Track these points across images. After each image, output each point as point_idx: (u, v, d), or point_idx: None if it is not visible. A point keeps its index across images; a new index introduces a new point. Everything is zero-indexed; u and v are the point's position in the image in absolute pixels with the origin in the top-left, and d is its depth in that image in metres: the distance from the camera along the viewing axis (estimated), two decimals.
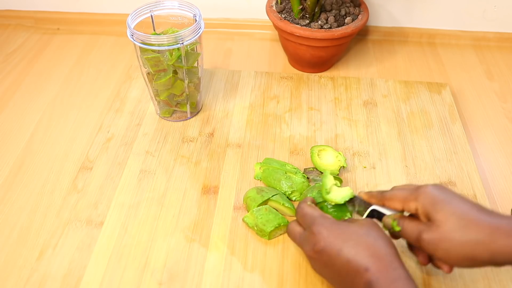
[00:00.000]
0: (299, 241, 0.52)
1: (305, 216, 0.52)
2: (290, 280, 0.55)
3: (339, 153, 0.67)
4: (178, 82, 0.70)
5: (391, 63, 0.91)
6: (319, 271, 0.51)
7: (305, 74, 0.86)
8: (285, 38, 0.83)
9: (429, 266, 0.56)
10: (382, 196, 0.52)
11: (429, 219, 0.46)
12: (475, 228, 0.43)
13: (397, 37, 0.97)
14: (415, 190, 0.49)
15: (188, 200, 0.64)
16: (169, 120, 0.75)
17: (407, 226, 0.49)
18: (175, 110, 0.75)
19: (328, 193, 0.56)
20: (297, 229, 0.53)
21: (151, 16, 0.70)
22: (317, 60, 0.84)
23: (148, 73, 0.70)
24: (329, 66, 0.88)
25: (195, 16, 0.69)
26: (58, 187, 0.67)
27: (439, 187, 0.48)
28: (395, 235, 0.51)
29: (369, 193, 0.54)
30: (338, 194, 0.56)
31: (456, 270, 0.56)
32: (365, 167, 0.68)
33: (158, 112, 0.76)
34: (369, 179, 0.66)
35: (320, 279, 0.55)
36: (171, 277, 0.55)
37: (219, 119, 0.76)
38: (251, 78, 0.84)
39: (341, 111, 0.77)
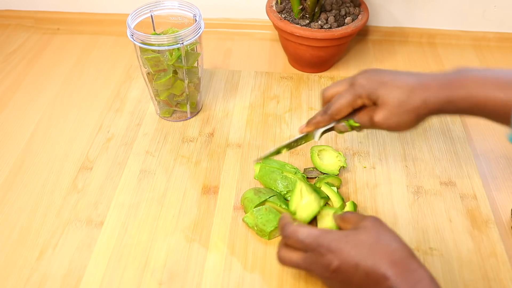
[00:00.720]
0: (305, 266, 0.48)
1: (304, 240, 0.48)
2: (290, 280, 0.55)
3: (339, 153, 0.67)
4: (178, 82, 0.70)
5: (391, 63, 0.91)
6: None
7: (305, 74, 0.86)
8: (285, 38, 0.83)
9: (429, 265, 0.56)
10: (329, 115, 0.57)
11: (374, 102, 0.54)
12: (411, 94, 0.52)
13: (397, 37, 0.97)
14: (353, 88, 0.55)
15: (188, 200, 0.64)
16: (169, 120, 0.75)
17: (361, 117, 0.56)
18: (175, 110, 0.75)
19: (294, 213, 0.59)
20: (294, 255, 0.49)
21: (151, 16, 0.70)
22: (317, 60, 0.84)
23: (148, 73, 0.70)
24: (329, 66, 0.88)
25: (195, 16, 0.69)
26: (58, 187, 0.67)
27: (369, 72, 0.55)
28: (354, 130, 0.58)
29: (312, 121, 0.59)
30: (306, 210, 0.58)
31: (457, 270, 0.56)
32: (365, 167, 0.68)
33: (158, 112, 0.76)
34: (369, 179, 0.66)
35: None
36: (171, 277, 0.55)
37: (219, 119, 0.76)
38: (251, 78, 0.84)
39: None
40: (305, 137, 0.62)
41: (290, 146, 0.63)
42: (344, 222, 0.51)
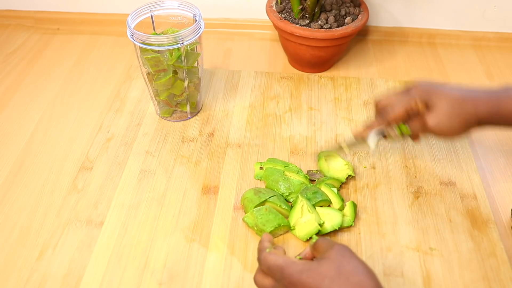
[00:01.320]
0: None
1: (271, 268, 0.46)
2: None
3: (348, 162, 0.67)
4: (178, 82, 0.70)
5: (391, 63, 0.91)
6: None
7: (305, 74, 0.86)
8: (285, 38, 0.83)
9: (429, 265, 0.56)
10: (386, 120, 0.59)
11: (427, 106, 0.57)
12: (463, 104, 0.55)
13: (397, 37, 0.97)
14: (408, 94, 0.58)
15: (188, 200, 0.64)
16: (169, 120, 0.75)
17: (413, 123, 0.58)
18: (175, 110, 0.75)
19: (293, 228, 0.59)
20: (266, 281, 0.48)
21: (151, 16, 0.70)
22: (317, 60, 0.84)
23: (148, 73, 0.70)
24: (329, 66, 0.88)
25: (195, 16, 0.69)
26: (58, 187, 0.67)
27: (423, 82, 0.58)
28: (404, 138, 0.60)
29: (368, 125, 0.61)
30: (304, 228, 0.58)
31: (457, 270, 0.56)
32: (365, 167, 0.68)
33: (158, 112, 0.76)
34: (369, 179, 0.66)
35: None
36: (171, 277, 0.55)
37: (219, 119, 0.76)
38: (251, 78, 0.84)
39: (341, 111, 0.77)
40: (361, 143, 0.63)
41: (349, 147, 0.65)
42: (315, 250, 0.49)
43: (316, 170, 0.67)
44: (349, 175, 0.65)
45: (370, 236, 0.59)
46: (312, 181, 0.66)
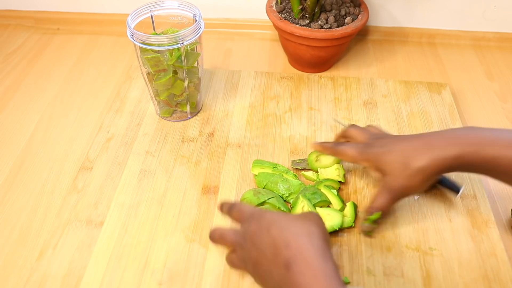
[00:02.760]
0: (238, 242, 0.49)
1: (243, 212, 0.50)
2: None
3: (341, 166, 0.66)
4: (178, 82, 0.70)
5: (391, 63, 0.91)
6: (249, 269, 0.48)
7: (305, 74, 0.86)
8: (285, 38, 0.83)
9: (429, 265, 0.56)
10: (335, 151, 0.61)
11: (379, 171, 0.56)
12: (414, 152, 0.53)
13: (397, 37, 0.97)
14: (362, 154, 0.57)
15: (188, 200, 0.64)
16: (169, 120, 0.75)
17: (378, 200, 0.56)
18: (175, 110, 0.75)
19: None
20: (233, 255, 0.51)
21: (151, 16, 0.70)
22: (317, 60, 0.84)
23: (148, 73, 0.70)
24: (329, 66, 0.88)
25: (195, 16, 0.69)
26: (58, 187, 0.67)
27: (378, 144, 0.57)
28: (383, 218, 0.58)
29: (323, 144, 0.63)
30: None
31: (457, 270, 0.56)
32: (365, 167, 0.68)
33: (158, 112, 0.76)
34: (369, 179, 0.66)
35: None
36: (171, 277, 0.55)
37: (219, 119, 0.76)
38: (251, 78, 0.84)
39: (341, 111, 0.77)
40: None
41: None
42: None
43: (300, 159, 0.67)
44: (339, 181, 0.64)
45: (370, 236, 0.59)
46: (296, 169, 0.66)
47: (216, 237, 0.51)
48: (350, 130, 0.62)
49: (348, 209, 0.60)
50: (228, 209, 0.53)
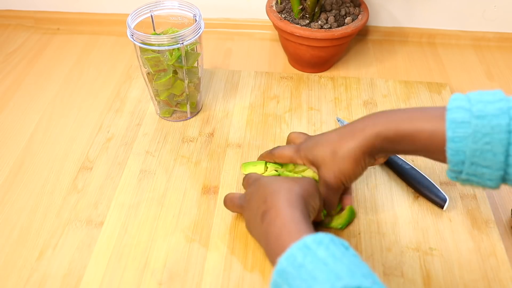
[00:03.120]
0: (238, 202, 0.57)
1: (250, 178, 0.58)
2: None
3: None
4: (178, 82, 0.70)
5: (391, 63, 0.91)
6: (249, 223, 0.54)
7: (305, 74, 0.86)
8: (285, 38, 0.83)
9: (429, 265, 0.56)
10: (271, 154, 0.62)
11: (314, 164, 0.57)
12: (340, 141, 0.54)
13: (397, 37, 0.97)
14: (297, 152, 0.59)
15: (188, 200, 0.64)
16: (169, 120, 0.75)
17: (325, 194, 0.56)
18: (175, 110, 0.75)
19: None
20: (236, 195, 0.58)
21: (151, 16, 0.70)
22: (317, 60, 0.84)
23: (148, 73, 0.70)
24: (329, 66, 0.88)
25: (195, 16, 0.69)
26: (58, 187, 0.67)
27: (310, 141, 0.58)
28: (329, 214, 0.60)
29: (261, 155, 0.65)
30: (339, 218, 0.60)
31: (457, 270, 0.56)
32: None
33: (158, 112, 0.76)
34: (368, 179, 0.66)
35: None
36: (171, 277, 0.55)
37: (219, 119, 0.76)
38: (251, 78, 0.84)
39: (341, 111, 0.77)
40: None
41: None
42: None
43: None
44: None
45: (370, 236, 0.59)
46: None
47: (227, 201, 0.59)
48: (290, 135, 0.64)
49: (345, 213, 0.60)
50: (243, 180, 0.60)
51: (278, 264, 0.41)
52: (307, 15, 0.80)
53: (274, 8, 0.83)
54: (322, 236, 0.41)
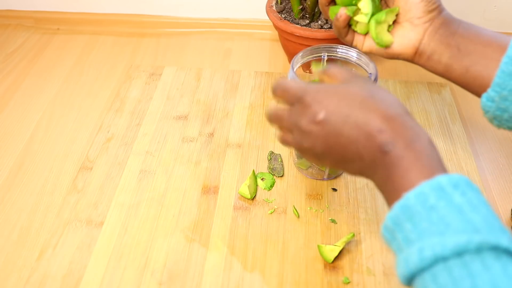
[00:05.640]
0: (287, 120, 0.45)
1: (290, 89, 0.45)
2: (290, 280, 0.55)
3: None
4: None
5: (391, 63, 0.91)
6: (318, 150, 0.44)
7: (305, 74, 0.86)
8: (285, 38, 0.83)
9: None
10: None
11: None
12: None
13: None
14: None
15: (188, 200, 0.64)
16: (302, 173, 0.67)
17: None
18: (312, 165, 0.66)
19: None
20: (279, 108, 0.46)
21: (323, 58, 0.63)
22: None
23: None
24: None
25: (370, 75, 0.60)
26: (58, 187, 0.67)
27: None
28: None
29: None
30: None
31: None
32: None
33: (295, 160, 0.68)
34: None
35: (320, 278, 0.55)
36: (171, 277, 0.55)
37: (219, 119, 0.76)
38: (251, 78, 0.84)
39: None
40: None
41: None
42: (331, 78, 0.46)
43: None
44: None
45: (370, 236, 0.59)
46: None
47: (272, 117, 0.48)
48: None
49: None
50: (275, 89, 0.48)
51: (404, 199, 0.37)
52: (307, 15, 0.80)
53: (274, 8, 0.83)
54: (458, 178, 0.37)
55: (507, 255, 0.33)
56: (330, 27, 0.79)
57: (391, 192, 0.40)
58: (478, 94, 0.52)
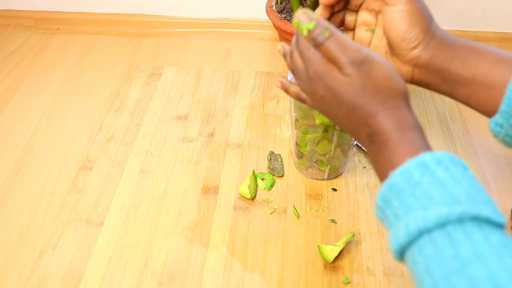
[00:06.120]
0: (299, 77, 0.48)
1: (304, 52, 0.46)
2: (290, 280, 0.55)
3: None
4: (325, 142, 0.62)
5: None
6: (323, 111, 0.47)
7: None
8: (285, 38, 0.83)
9: None
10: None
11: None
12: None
13: None
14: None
15: (188, 200, 0.64)
16: (303, 173, 0.68)
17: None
18: (312, 165, 0.67)
19: None
20: (299, 62, 0.47)
21: None
22: None
23: (296, 119, 0.62)
24: None
25: None
26: (58, 187, 0.67)
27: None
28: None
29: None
30: None
31: None
32: (365, 167, 0.68)
33: (295, 160, 0.68)
34: (369, 179, 0.66)
35: (320, 278, 0.55)
36: (171, 277, 0.55)
37: (219, 119, 0.76)
38: (251, 78, 0.84)
39: None
40: None
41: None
42: (343, 52, 0.45)
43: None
44: None
45: (370, 236, 0.59)
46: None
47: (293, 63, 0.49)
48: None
49: None
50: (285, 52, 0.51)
51: (390, 178, 0.39)
52: None
53: (274, 8, 0.83)
54: (441, 155, 0.38)
55: (489, 225, 0.34)
56: None
57: (381, 172, 0.42)
58: (487, 115, 0.51)
